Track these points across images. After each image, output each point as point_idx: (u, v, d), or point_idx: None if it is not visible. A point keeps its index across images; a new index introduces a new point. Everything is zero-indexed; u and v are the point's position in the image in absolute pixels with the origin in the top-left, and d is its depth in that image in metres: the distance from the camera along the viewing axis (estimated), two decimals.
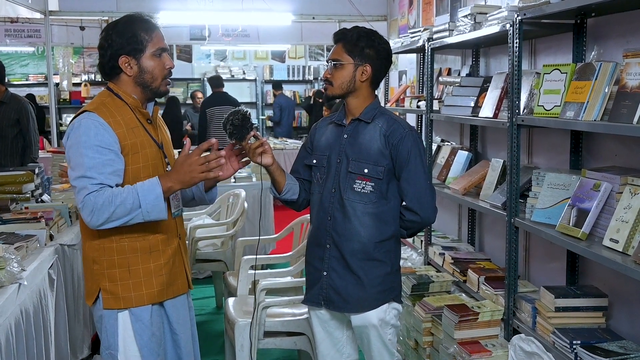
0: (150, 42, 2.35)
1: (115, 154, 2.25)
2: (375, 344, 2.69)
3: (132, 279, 2.35)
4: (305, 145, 2.86)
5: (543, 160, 3.46)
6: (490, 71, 4.12)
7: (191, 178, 2.26)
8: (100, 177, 2.19)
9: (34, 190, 4.05)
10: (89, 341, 3.84)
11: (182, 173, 2.25)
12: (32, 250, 3.12)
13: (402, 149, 2.59)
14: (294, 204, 2.80)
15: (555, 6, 2.69)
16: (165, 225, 2.42)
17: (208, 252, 5.13)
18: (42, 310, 2.96)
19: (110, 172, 2.22)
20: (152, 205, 2.20)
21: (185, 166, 2.25)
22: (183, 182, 2.26)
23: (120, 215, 2.18)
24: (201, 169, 2.24)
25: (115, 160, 2.25)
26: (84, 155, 2.21)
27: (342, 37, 2.64)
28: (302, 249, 4.03)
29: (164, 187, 2.22)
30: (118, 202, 2.16)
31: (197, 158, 2.25)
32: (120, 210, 2.17)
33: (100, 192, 2.17)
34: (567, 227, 2.63)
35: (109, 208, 2.16)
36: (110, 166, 2.22)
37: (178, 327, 2.51)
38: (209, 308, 5.31)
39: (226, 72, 12.56)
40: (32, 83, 12.01)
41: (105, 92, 2.39)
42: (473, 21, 3.57)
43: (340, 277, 2.65)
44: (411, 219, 2.65)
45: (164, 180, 2.25)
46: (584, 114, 2.55)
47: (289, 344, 3.60)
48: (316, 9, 7.48)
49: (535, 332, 2.92)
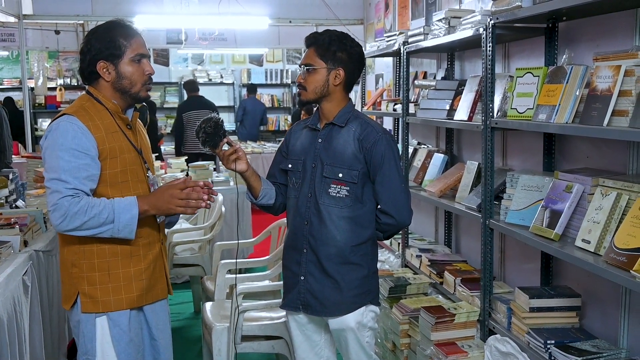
0: (129, 48, 2.35)
1: (92, 159, 2.25)
2: (353, 346, 2.70)
3: (111, 282, 2.34)
4: (280, 149, 2.87)
5: (517, 163, 3.50)
6: (465, 74, 4.16)
7: (168, 209, 2.30)
8: (75, 181, 2.19)
9: (8, 196, 4.00)
10: (65, 349, 3.80)
11: (161, 201, 2.28)
12: (5, 257, 3.08)
13: (375, 153, 2.60)
14: (271, 208, 2.80)
15: (527, 10, 2.73)
16: (148, 230, 2.41)
17: (185, 257, 5.11)
18: (17, 317, 2.92)
19: (85, 176, 2.22)
20: (124, 224, 2.22)
21: (166, 196, 2.28)
22: (160, 209, 2.30)
23: (92, 227, 2.19)
24: (181, 204, 2.28)
25: (91, 165, 2.24)
26: (59, 157, 2.20)
27: (314, 41, 2.64)
28: (280, 252, 4.02)
29: (140, 209, 2.24)
30: (93, 213, 2.17)
31: (179, 192, 2.28)
32: (93, 222, 2.18)
33: (76, 199, 2.16)
34: (541, 229, 2.66)
35: (82, 217, 2.16)
36: (85, 171, 2.22)
37: (157, 332, 2.50)
38: (186, 313, 5.28)
39: (204, 76, 12.51)
40: (6, 87, 11.87)
41: (85, 97, 2.39)
42: (447, 25, 3.61)
43: (317, 281, 2.66)
44: (387, 222, 2.66)
45: (142, 202, 2.27)
46: (556, 116, 2.58)
47: (267, 348, 3.60)
48: (293, 12, 7.49)
49: (511, 332, 2.95)
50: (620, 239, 2.24)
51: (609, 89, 2.31)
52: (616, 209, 2.34)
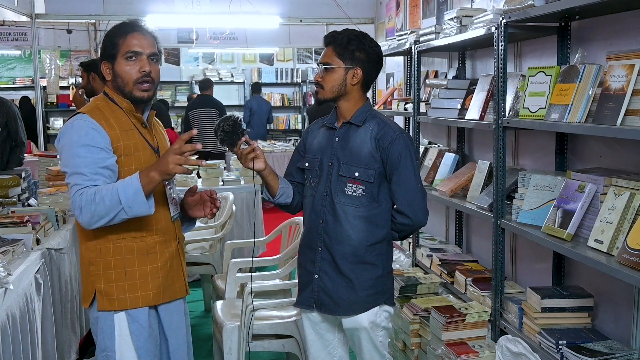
0: (122, 46, 2.33)
1: (107, 152, 2.25)
2: (366, 346, 2.69)
3: (127, 280, 2.34)
4: (298, 148, 2.87)
5: (529, 162, 3.49)
6: (476, 74, 4.15)
7: (167, 166, 2.17)
8: (91, 174, 2.19)
9: (21, 194, 4.03)
10: (77, 346, 3.82)
11: (162, 163, 2.19)
12: (18, 255, 3.10)
13: (392, 152, 2.59)
14: (288, 207, 2.81)
15: (540, 9, 2.72)
16: (164, 228, 2.41)
17: (196, 255, 5.12)
18: (29, 314, 2.95)
19: (101, 166, 2.21)
20: (132, 200, 2.16)
21: (165, 156, 2.21)
22: (162, 171, 2.19)
23: (102, 214, 2.15)
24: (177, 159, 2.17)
25: (108, 157, 2.24)
26: (76, 155, 2.21)
27: (333, 40, 2.63)
28: (291, 251, 4.03)
29: (143, 181, 2.17)
30: (97, 199, 2.14)
31: (177, 148, 2.19)
32: (101, 208, 2.14)
33: (86, 191, 2.16)
34: (553, 228, 2.65)
35: (90, 206, 2.15)
36: (102, 162, 2.22)
37: (170, 332, 2.49)
38: (197, 311, 5.30)
39: (214, 75, 12.53)
40: (19, 86, 11.95)
41: (100, 97, 2.41)
42: (459, 24, 3.60)
43: (331, 280, 2.65)
44: (402, 222, 2.65)
45: (143, 173, 2.20)
46: (569, 116, 2.57)
47: (278, 347, 3.60)
48: (304, 11, 7.49)
49: (522, 332, 2.94)
50: (634, 239, 2.22)
51: (623, 88, 2.29)
52: (629, 209, 2.32)
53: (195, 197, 2.54)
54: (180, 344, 2.54)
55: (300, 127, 13.18)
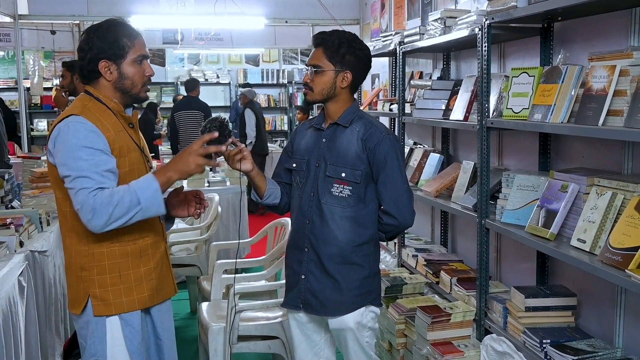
0: (132, 49, 2.33)
1: (108, 155, 2.22)
2: (352, 347, 2.70)
3: (123, 284, 2.32)
4: (286, 149, 2.87)
5: (513, 162, 3.51)
6: (460, 74, 4.17)
7: (188, 166, 2.23)
8: (98, 177, 2.15)
9: (4, 197, 4.00)
10: (61, 349, 3.79)
11: (181, 162, 2.23)
12: (1, 257, 3.08)
13: (378, 153, 2.59)
14: (277, 208, 2.80)
15: (523, 10, 2.73)
16: (154, 229, 2.40)
17: (182, 257, 5.10)
18: (12, 317, 2.92)
19: (105, 170, 2.18)
20: (151, 200, 2.16)
21: (185, 155, 2.24)
22: (181, 171, 2.23)
23: (120, 215, 2.13)
24: (201, 160, 2.23)
25: (109, 160, 2.21)
26: (78, 157, 2.16)
27: (323, 42, 2.62)
28: (276, 252, 4.03)
29: (160, 180, 2.20)
30: (115, 201, 2.11)
31: (198, 147, 2.24)
32: (120, 209, 2.12)
33: (100, 193, 2.12)
34: (536, 228, 2.66)
35: (108, 208, 2.11)
36: (104, 165, 2.19)
37: (162, 332, 2.49)
38: (183, 313, 5.28)
39: (200, 76, 12.48)
40: (2, 87, 11.83)
41: (85, 97, 2.35)
42: (443, 25, 3.61)
43: (318, 280, 2.65)
44: (389, 222, 2.65)
45: (160, 173, 2.23)
46: (551, 116, 2.59)
47: (263, 348, 3.59)
48: (289, 13, 7.49)
49: (507, 332, 2.95)
50: (616, 238, 2.24)
51: (604, 89, 2.32)
52: (611, 209, 2.34)
53: (180, 197, 2.53)
54: (172, 343, 2.55)
55: (286, 128, 13.18)
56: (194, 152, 2.23)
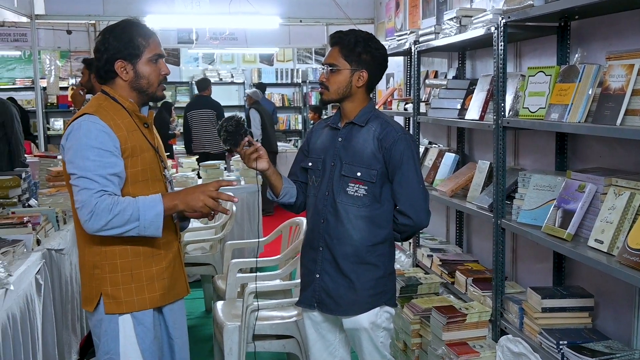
0: (147, 48, 2.34)
1: (116, 157, 2.23)
2: (366, 347, 2.69)
3: (134, 282, 2.33)
4: (302, 148, 2.87)
5: (529, 162, 3.49)
6: (476, 74, 4.15)
7: (198, 206, 2.25)
8: (102, 179, 2.17)
9: (21, 195, 4.03)
10: (77, 347, 3.82)
11: (192, 197, 2.25)
12: (18, 255, 3.10)
13: (394, 153, 2.58)
14: (292, 207, 2.81)
15: (539, 9, 2.72)
16: (167, 228, 2.39)
17: (197, 256, 5.12)
18: (29, 315, 2.94)
19: (111, 173, 2.20)
20: (150, 221, 2.18)
21: (198, 192, 2.26)
22: (188, 204, 2.25)
23: (117, 225, 2.15)
24: (210, 203, 2.25)
25: (117, 163, 2.23)
26: (85, 157, 2.18)
27: (339, 40, 2.62)
28: (291, 252, 4.03)
29: (166, 205, 2.22)
30: (117, 211, 2.14)
31: (212, 190, 2.26)
32: (118, 220, 2.14)
33: (103, 197, 2.14)
34: (553, 228, 2.65)
35: (107, 215, 2.13)
36: (111, 168, 2.20)
37: (175, 332, 2.50)
38: (197, 312, 5.30)
39: (214, 76, 12.53)
40: (19, 87, 11.94)
41: (101, 96, 2.37)
42: (459, 24, 3.60)
43: (332, 279, 2.65)
44: (404, 222, 2.64)
45: (168, 198, 2.24)
46: (569, 115, 2.57)
47: (278, 347, 3.60)
48: (303, 12, 7.49)
49: (523, 332, 2.94)
50: (634, 238, 2.22)
51: (622, 88, 2.29)
52: (629, 209, 2.32)
53: None
54: (184, 342, 2.56)
55: (300, 127, 13.18)
56: (207, 192, 2.25)
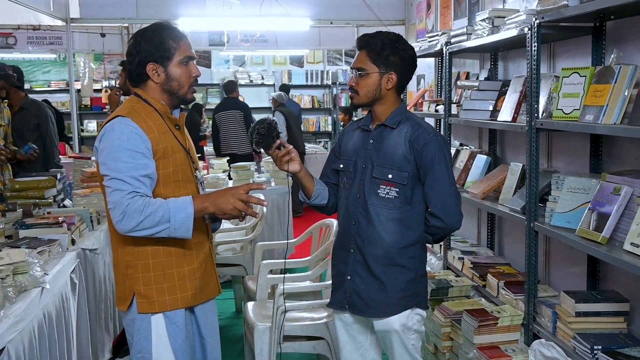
0: (178, 50, 2.37)
1: (148, 159, 2.27)
2: (397, 349, 2.68)
3: (166, 282, 2.36)
4: (334, 149, 2.88)
5: (562, 164, 3.45)
6: (508, 75, 4.11)
7: (229, 208, 2.28)
8: (134, 181, 2.21)
9: (56, 196, 4.10)
10: (110, 345, 3.88)
11: (222, 199, 2.28)
12: (54, 255, 3.16)
13: (426, 155, 2.57)
14: (324, 208, 2.82)
15: (574, 9, 2.68)
16: (199, 229, 2.42)
17: (227, 257, 5.16)
18: (64, 313, 3.00)
19: (143, 175, 2.24)
20: (180, 223, 2.22)
21: (228, 195, 2.28)
22: (219, 207, 2.28)
23: (148, 226, 2.19)
24: (241, 205, 2.27)
25: (149, 165, 2.27)
26: (118, 159, 2.22)
27: (366, 44, 2.61)
28: (321, 253, 4.04)
29: (197, 207, 2.25)
30: (148, 212, 2.17)
31: (242, 193, 2.28)
32: (149, 221, 2.18)
33: (135, 198, 2.18)
34: (587, 232, 2.61)
35: (138, 216, 2.17)
36: (143, 170, 2.24)
37: (206, 331, 2.52)
38: (228, 312, 5.33)
39: (245, 78, 12.61)
40: (53, 89, 12.15)
41: (133, 98, 2.41)
42: (491, 25, 3.57)
43: (363, 281, 2.65)
44: (435, 224, 2.63)
45: (199, 200, 2.27)
46: (604, 117, 2.54)
47: (308, 349, 3.61)
48: (334, 14, 7.50)
49: (556, 337, 2.90)
50: None
51: None
52: None
53: None
54: (216, 342, 2.58)
55: (330, 129, 13.19)
56: (237, 194, 2.28)
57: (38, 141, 5.70)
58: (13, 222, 3.43)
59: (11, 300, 2.47)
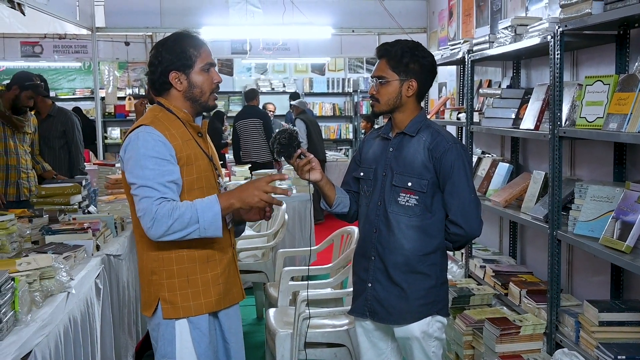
0: (199, 58, 2.41)
1: (173, 165, 2.31)
2: (418, 356, 2.68)
3: (190, 288, 2.39)
4: (355, 157, 2.90)
5: (586, 173, 3.43)
6: (531, 83, 4.10)
7: (254, 201, 2.30)
8: (161, 187, 2.25)
9: (81, 202, 4.16)
10: (133, 350, 3.91)
11: (247, 193, 2.30)
12: (79, 260, 3.20)
13: (445, 162, 2.58)
14: (345, 216, 2.83)
15: (597, 17, 2.67)
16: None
17: (249, 263, 5.18)
18: (89, 318, 3.03)
19: (169, 180, 2.27)
20: (209, 222, 2.24)
21: (251, 187, 2.31)
22: (245, 201, 2.31)
23: (178, 229, 2.22)
24: (265, 197, 2.30)
25: (174, 171, 2.31)
26: (144, 167, 2.26)
27: (385, 52, 2.63)
28: (342, 260, 4.05)
29: (223, 205, 2.27)
30: (176, 215, 2.21)
31: (265, 184, 2.31)
32: (178, 224, 2.21)
33: (163, 204, 2.22)
34: (611, 240, 2.59)
35: (167, 220, 2.20)
36: (169, 175, 2.28)
37: (230, 336, 2.55)
38: (249, 319, 5.36)
39: (266, 85, 12.69)
40: (78, 97, 12.31)
41: (156, 107, 2.46)
42: (513, 33, 3.57)
43: (384, 288, 2.66)
44: (455, 232, 2.63)
45: (224, 198, 2.30)
46: (628, 125, 2.52)
47: (329, 356, 3.61)
48: (356, 22, 7.52)
49: (579, 346, 2.88)
50: None
51: None
52: None
53: None
54: (240, 347, 2.60)
55: (351, 136, 13.21)
56: (261, 187, 2.30)
57: (64, 148, 5.81)
58: (39, 227, 3.49)
59: (38, 305, 2.51)
